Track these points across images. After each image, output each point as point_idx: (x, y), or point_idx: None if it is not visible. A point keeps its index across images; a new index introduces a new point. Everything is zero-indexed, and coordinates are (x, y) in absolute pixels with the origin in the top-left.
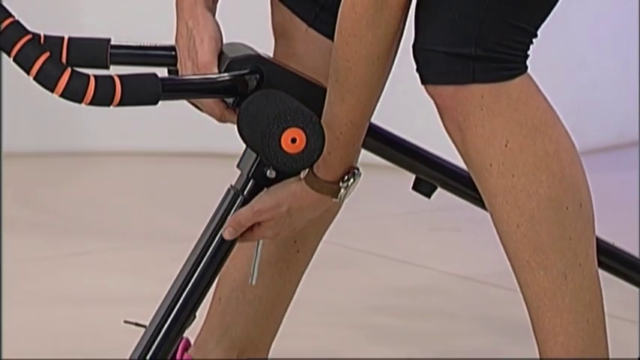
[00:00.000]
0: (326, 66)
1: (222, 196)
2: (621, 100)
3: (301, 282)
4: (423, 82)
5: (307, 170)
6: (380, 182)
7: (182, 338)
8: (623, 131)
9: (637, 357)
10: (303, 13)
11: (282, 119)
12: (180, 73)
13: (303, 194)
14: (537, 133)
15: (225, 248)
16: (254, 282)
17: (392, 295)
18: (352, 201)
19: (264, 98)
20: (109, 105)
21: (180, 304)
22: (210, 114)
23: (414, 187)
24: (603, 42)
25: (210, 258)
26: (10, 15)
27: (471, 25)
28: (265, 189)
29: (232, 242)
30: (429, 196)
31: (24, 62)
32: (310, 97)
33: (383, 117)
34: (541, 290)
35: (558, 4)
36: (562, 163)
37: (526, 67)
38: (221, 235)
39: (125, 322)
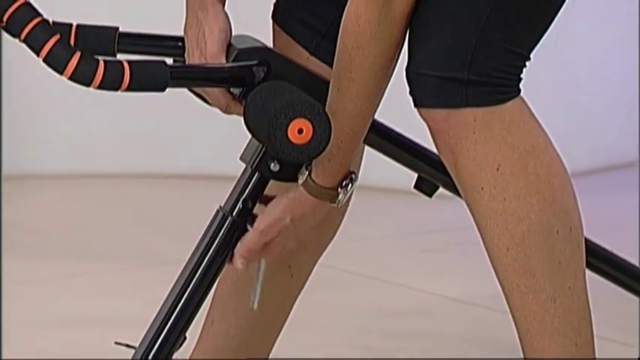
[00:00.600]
0: None
1: (210, 217)
2: (613, 123)
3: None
4: (415, 105)
5: (305, 177)
6: (371, 205)
7: None
8: (615, 153)
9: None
10: (304, 41)
11: (290, 110)
12: (187, 63)
13: (302, 201)
14: (529, 157)
15: (213, 270)
16: (256, 306)
17: (384, 316)
18: (344, 223)
19: (271, 89)
20: (117, 89)
21: (170, 326)
22: (216, 104)
23: (416, 186)
24: (598, 63)
25: (200, 280)
26: None
27: (464, 49)
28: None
29: (221, 264)
30: (430, 195)
31: (34, 44)
32: (316, 90)
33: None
34: (530, 313)
35: (551, 27)
36: (553, 187)
37: (519, 91)
38: (210, 256)
39: (116, 343)
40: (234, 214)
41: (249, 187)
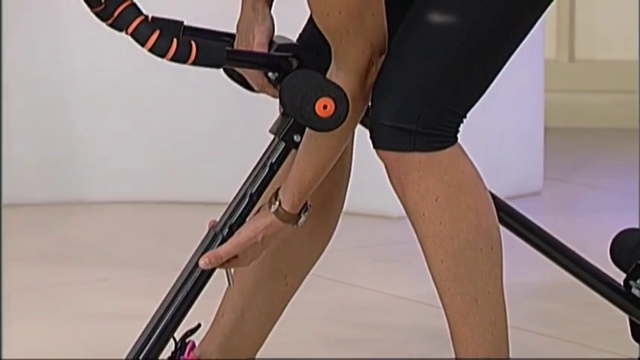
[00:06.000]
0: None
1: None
2: (521, 160)
3: None
4: (374, 147)
5: (277, 205)
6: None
7: (190, 341)
8: (522, 184)
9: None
10: None
11: (318, 89)
12: None
13: (273, 225)
14: (460, 191)
15: (202, 279)
16: (232, 285)
17: (346, 311)
18: None
19: (303, 74)
20: (184, 62)
21: (159, 331)
22: (254, 83)
23: None
24: (512, 114)
25: (190, 286)
26: None
27: (415, 107)
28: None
29: (210, 273)
30: None
31: (124, 21)
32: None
33: None
34: (458, 310)
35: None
36: (479, 215)
37: (456, 139)
38: (197, 269)
39: None
40: (224, 232)
41: (276, 153)
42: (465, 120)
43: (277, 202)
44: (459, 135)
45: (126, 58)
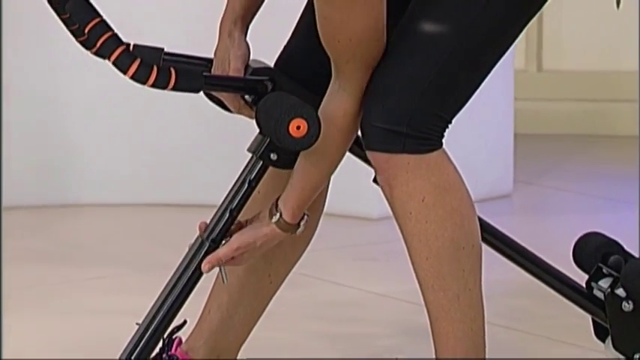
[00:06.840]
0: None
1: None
2: (493, 164)
3: None
4: (365, 148)
5: (278, 216)
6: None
7: (177, 337)
8: (494, 187)
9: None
10: None
11: (292, 111)
12: None
13: (274, 233)
14: (446, 192)
15: (191, 282)
16: (226, 281)
17: (327, 307)
18: None
19: (278, 96)
20: (165, 88)
21: (150, 332)
22: (231, 106)
23: (375, 180)
24: (483, 121)
25: (180, 289)
26: (98, 15)
27: (406, 111)
28: (234, 235)
29: (198, 277)
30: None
31: (106, 51)
32: (306, 100)
33: None
34: (440, 306)
35: (469, 102)
36: (462, 215)
37: (441, 144)
38: (191, 271)
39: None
40: (210, 239)
41: (254, 171)
42: (449, 126)
43: (278, 214)
44: (444, 140)
45: None
